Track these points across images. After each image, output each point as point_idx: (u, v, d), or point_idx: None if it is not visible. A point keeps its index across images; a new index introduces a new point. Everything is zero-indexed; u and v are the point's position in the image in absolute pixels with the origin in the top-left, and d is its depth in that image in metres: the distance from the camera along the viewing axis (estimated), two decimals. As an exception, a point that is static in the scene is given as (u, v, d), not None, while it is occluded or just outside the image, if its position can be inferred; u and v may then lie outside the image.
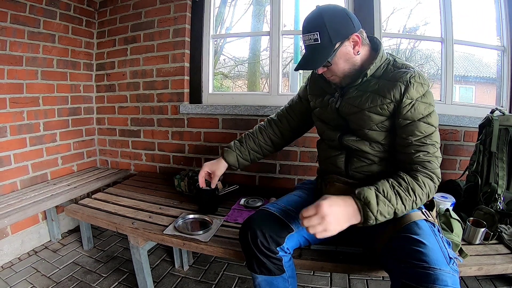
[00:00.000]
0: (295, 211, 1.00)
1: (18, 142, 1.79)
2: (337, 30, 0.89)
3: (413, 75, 0.89)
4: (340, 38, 0.90)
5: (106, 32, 2.20)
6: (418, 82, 0.89)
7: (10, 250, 1.71)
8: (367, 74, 0.94)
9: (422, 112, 0.89)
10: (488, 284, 1.49)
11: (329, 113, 1.06)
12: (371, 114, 0.93)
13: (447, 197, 1.30)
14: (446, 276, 0.69)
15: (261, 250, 0.90)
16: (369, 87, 0.95)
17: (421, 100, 0.89)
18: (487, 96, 2.13)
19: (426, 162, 0.88)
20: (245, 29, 2.37)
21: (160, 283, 1.55)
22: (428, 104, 0.90)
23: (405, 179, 0.86)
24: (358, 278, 1.56)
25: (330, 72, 0.97)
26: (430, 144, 0.89)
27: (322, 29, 0.88)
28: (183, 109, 2.03)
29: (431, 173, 0.87)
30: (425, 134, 0.89)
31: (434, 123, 0.90)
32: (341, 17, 0.91)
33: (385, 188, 0.83)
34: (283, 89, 2.02)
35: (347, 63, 0.94)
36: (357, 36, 0.92)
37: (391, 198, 0.82)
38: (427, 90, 0.90)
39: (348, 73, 0.96)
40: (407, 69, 0.92)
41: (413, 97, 0.88)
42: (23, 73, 1.79)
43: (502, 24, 1.73)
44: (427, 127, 0.89)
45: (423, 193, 0.85)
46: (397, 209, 0.82)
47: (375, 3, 1.73)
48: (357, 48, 0.93)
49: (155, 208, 1.47)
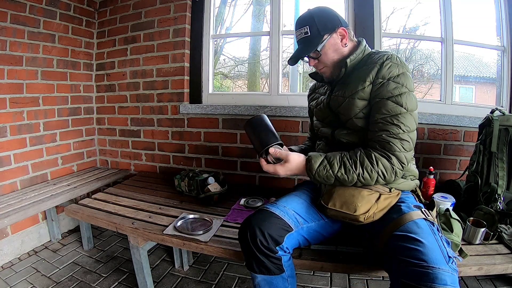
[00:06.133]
0: (294, 210, 1.00)
1: (18, 142, 1.79)
2: (324, 24, 1.00)
3: (389, 57, 0.95)
4: (328, 30, 1.01)
5: (106, 32, 2.20)
6: (394, 63, 0.94)
7: (10, 250, 1.72)
8: (347, 63, 1.01)
9: (391, 90, 0.92)
10: (488, 284, 1.49)
11: (322, 110, 1.14)
12: (355, 99, 0.98)
13: (447, 197, 1.30)
14: (445, 275, 0.69)
15: (260, 249, 0.90)
16: (351, 77, 1.02)
17: (393, 80, 0.93)
18: (487, 96, 2.13)
19: (385, 143, 0.91)
20: (245, 29, 2.37)
21: (160, 283, 1.55)
22: (401, 84, 0.93)
23: (358, 154, 0.93)
24: (358, 278, 1.56)
25: (321, 63, 1.06)
26: (395, 124, 0.91)
27: (311, 23, 1.00)
28: (183, 109, 2.03)
29: (389, 154, 0.91)
30: (391, 114, 0.92)
31: (405, 105, 0.92)
32: (328, 13, 1.03)
33: (333, 156, 0.95)
34: (283, 89, 2.02)
35: (336, 53, 1.03)
36: (344, 29, 1.02)
37: (334, 166, 0.93)
38: (402, 72, 0.94)
39: (337, 64, 1.04)
40: (386, 52, 0.98)
41: (385, 76, 0.93)
42: (23, 73, 1.79)
43: (502, 24, 1.73)
44: (395, 107, 0.92)
45: (374, 170, 0.91)
46: (337, 176, 0.92)
47: (375, 3, 1.73)
48: (345, 40, 1.03)
49: (155, 208, 1.47)
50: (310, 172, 0.95)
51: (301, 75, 2.31)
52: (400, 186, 1.01)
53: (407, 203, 0.95)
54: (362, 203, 0.92)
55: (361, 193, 0.94)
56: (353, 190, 0.95)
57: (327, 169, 0.93)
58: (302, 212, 1.02)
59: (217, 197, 1.52)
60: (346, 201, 0.94)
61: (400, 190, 1.01)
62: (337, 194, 0.96)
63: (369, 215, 0.92)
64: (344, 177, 0.92)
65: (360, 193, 0.94)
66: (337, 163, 0.93)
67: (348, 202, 0.94)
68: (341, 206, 0.95)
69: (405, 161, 0.92)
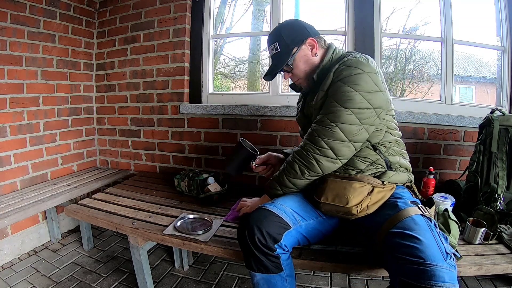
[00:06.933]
0: (292, 209, 1.01)
1: (18, 142, 1.79)
2: (292, 38, 1.05)
3: (345, 60, 0.98)
4: (296, 44, 1.06)
5: (106, 32, 2.20)
6: (347, 66, 0.96)
7: (10, 250, 1.72)
8: (314, 78, 1.06)
9: (334, 92, 0.97)
10: (488, 284, 1.49)
11: (300, 119, 1.23)
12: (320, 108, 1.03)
13: (447, 197, 1.30)
14: (443, 272, 0.68)
15: (258, 247, 0.90)
16: (319, 86, 1.04)
17: (341, 80, 0.96)
18: (487, 96, 2.12)
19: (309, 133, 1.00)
20: (245, 29, 2.37)
21: (160, 283, 1.55)
22: (349, 83, 0.94)
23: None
24: (358, 278, 1.56)
25: (294, 76, 1.12)
26: (325, 117, 0.97)
27: (280, 39, 1.06)
28: (183, 109, 2.03)
29: (306, 140, 1.01)
30: (327, 112, 0.97)
31: (344, 104, 0.94)
32: (295, 26, 1.08)
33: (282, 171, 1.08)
34: (283, 89, 2.01)
35: (307, 64, 1.08)
36: (313, 40, 1.06)
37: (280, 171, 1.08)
38: (356, 73, 0.94)
39: (310, 75, 1.09)
40: (348, 56, 0.99)
41: (335, 80, 0.97)
42: (23, 73, 1.79)
43: (502, 24, 1.73)
44: (332, 104, 0.96)
45: (294, 163, 1.02)
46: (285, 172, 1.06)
47: (375, 3, 1.73)
48: (315, 50, 1.07)
49: (155, 208, 1.47)
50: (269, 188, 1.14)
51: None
52: (392, 178, 1.01)
53: (404, 199, 0.95)
54: (354, 195, 0.94)
55: (353, 185, 0.96)
56: (344, 183, 0.97)
57: (276, 177, 1.09)
58: (299, 210, 1.02)
59: (217, 197, 1.52)
60: (338, 194, 0.96)
61: (394, 184, 1.01)
62: (329, 188, 0.98)
63: (362, 207, 0.93)
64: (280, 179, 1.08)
65: (352, 185, 0.96)
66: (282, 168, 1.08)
67: (340, 195, 0.95)
68: (333, 199, 0.96)
69: (323, 144, 0.96)
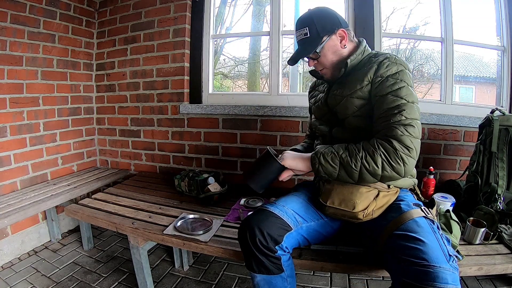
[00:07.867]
0: (294, 210, 1.00)
1: (18, 142, 1.79)
2: (324, 25, 1.01)
3: (388, 57, 0.97)
4: (327, 32, 1.01)
5: (106, 32, 2.20)
6: (392, 62, 0.95)
7: (10, 250, 1.71)
8: (348, 64, 1.01)
9: (390, 86, 0.93)
10: (488, 284, 1.48)
11: (320, 108, 1.15)
12: (353, 99, 0.99)
13: (447, 197, 1.30)
14: (446, 273, 0.69)
15: (259, 248, 0.90)
16: (350, 77, 1.02)
17: (391, 77, 0.94)
18: (487, 96, 2.13)
19: (387, 130, 0.90)
20: (245, 29, 2.37)
21: (160, 283, 1.55)
22: (399, 80, 0.93)
23: (361, 142, 0.93)
24: (358, 278, 1.56)
25: (320, 64, 1.07)
26: (396, 114, 0.90)
27: (311, 25, 1.01)
28: (183, 109, 2.03)
29: (390, 138, 0.88)
30: (391, 106, 0.91)
31: (405, 97, 0.91)
32: (328, 15, 1.03)
33: (338, 145, 0.95)
34: (283, 89, 2.02)
35: (335, 55, 1.04)
36: (343, 31, 1.02)
37: (339, 149, 0.93)
38: (401, 69, 0.95)
39: (337, 65, 1.05)
40: (385, 53, 0.99)
41: (383, 74, 0.95)
42: (23, 73, 1.79)
43: (502, 24, 1.73)
44: (394, 100, 0.92)
45: (376, 153, 0.88)
46: (341, 157, 0.91)
47: (375, 3, 1.73)
48: (344, 42, 1.03)
49: (155, 208, 1.47)
50: (316, 154, 0.95)
51: (301, 75, 2.31)
52: (398, 183, 1.00)
53: (407, 201, 0.95)
54: (361, 200, 0.93)
55: (360, 190, 0.94)
56: (351, 188, 0.95)
57: (331, 151, 0.93)
58: (301, 212, 1.02)
59: (217, 197, 1.52)
60: (344, 199, 0.95)
61: (399, 188, 1.01)
62: (335, 192, 0.97)
63: (368, 212, 0.93)
64: (348, 160, 0.90)
65: (359, 190, 0.94)
66: (342, 148, 0.94)
67: (347, 199, 0.94)
68: (339, 203, 0.95)
69: (411, 144, 0.87)
